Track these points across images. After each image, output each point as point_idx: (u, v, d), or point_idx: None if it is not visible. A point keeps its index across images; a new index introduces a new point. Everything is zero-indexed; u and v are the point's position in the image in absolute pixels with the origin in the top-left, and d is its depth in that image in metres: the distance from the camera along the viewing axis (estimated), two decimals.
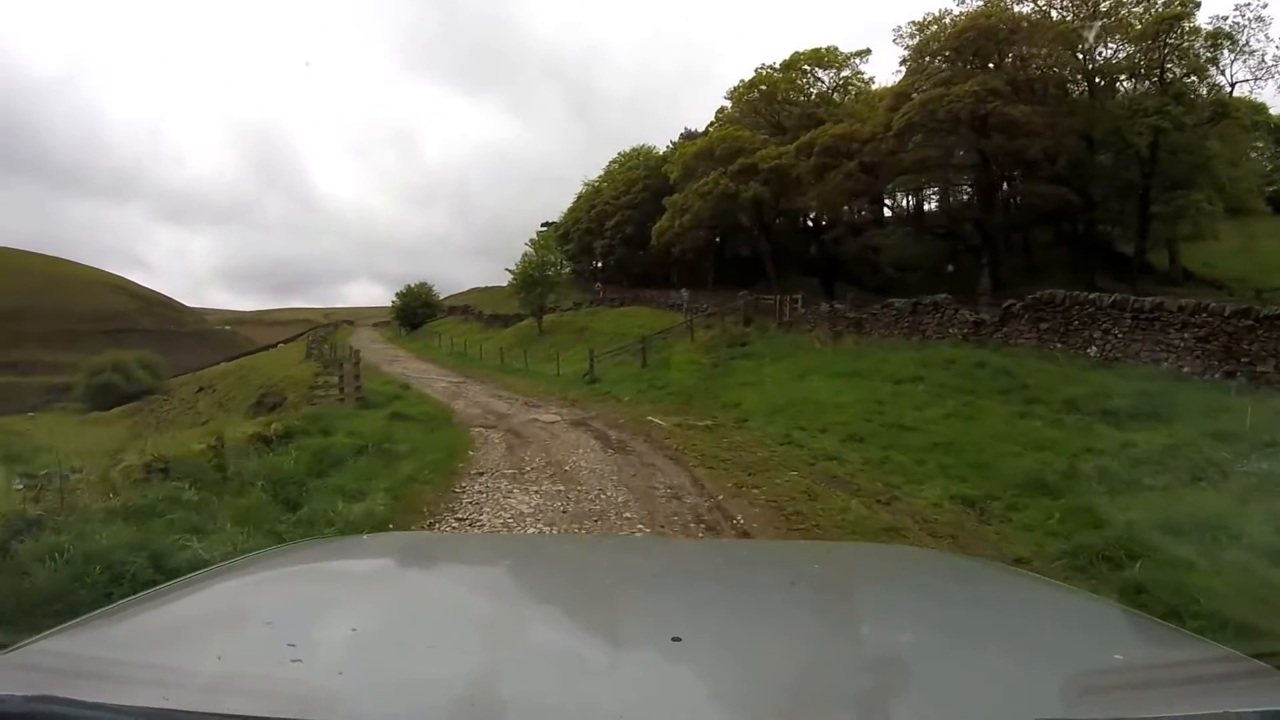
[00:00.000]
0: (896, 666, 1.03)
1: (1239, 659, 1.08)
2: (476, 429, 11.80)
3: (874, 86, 39.66)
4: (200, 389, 40.03)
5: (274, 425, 8.22)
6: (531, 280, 34.01)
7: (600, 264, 50.87)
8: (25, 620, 3.32)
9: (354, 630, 1.15)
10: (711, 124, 43.94)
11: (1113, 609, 1.67)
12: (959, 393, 13.05)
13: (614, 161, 50.20)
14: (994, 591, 1.61)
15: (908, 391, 13.49)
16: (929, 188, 35.21)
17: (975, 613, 1.39)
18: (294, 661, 0.97)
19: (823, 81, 43.09)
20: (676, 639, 1.05)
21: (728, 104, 44.04)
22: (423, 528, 5.95)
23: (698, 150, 37.88)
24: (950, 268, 32.83)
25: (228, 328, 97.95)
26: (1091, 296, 15.68)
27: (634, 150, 49.40)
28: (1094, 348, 14.94)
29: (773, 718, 0.90)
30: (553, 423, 12.69)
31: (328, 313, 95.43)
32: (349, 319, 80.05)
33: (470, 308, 55.98)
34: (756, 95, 43.52)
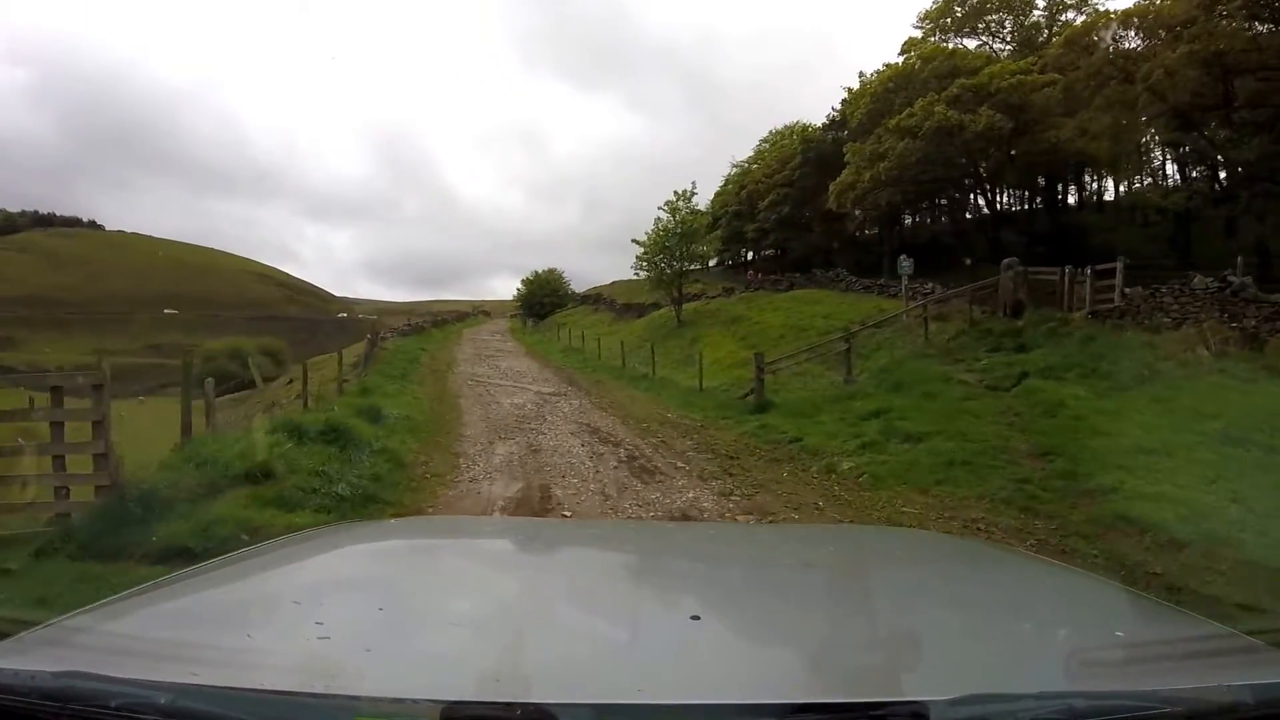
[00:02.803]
0: (906, 643, 1.03)
1: (1235, 636, 1.11)
2: None
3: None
4: (290, 380, 35.28)
5: None
6: (668, 254, 25.25)
7: (751, 253, 45.49)
8: None
9: (381, 609, 1.13)
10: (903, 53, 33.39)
11: (1114, 589, 1.60)
12: None
13: (764, 140, 44.34)
14: (1001, 572, 1.63)
15: None
16: None
17: (983, 592, 1.41)
18: (321, 639, 0.96)
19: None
20: (695, 617, 1.08)
21: (916, 33, 33.51)
22: None
23: (892, 77, 27.66)
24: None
25: (375, 316, 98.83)
26: None
27: (786, 128, 42.55)
28: None
29: (787, 692, 0.88)
30: None
31: (475, 304, 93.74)
32: (485, 310, 77.62)
33: (602, 296, 49.19)
34: (957, 16, 32.88)
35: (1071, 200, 36.06)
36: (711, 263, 42.26)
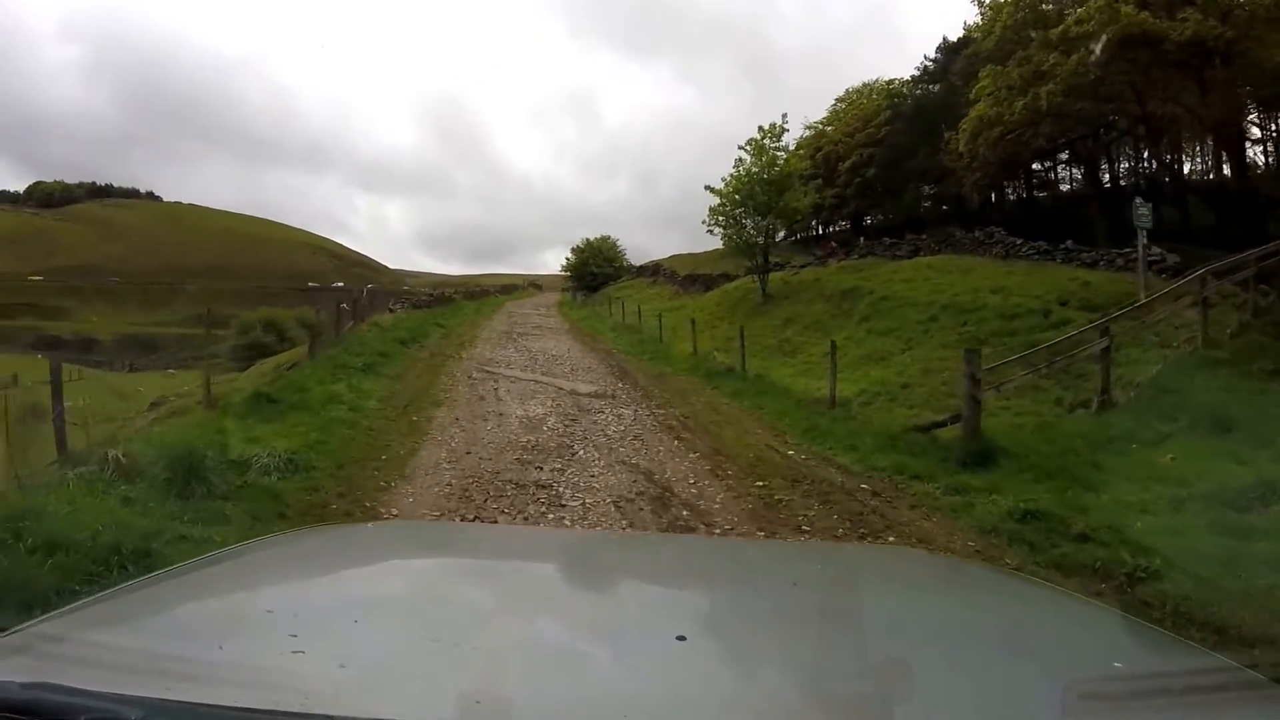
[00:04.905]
0: (898, 670, 0.99)
1: (1236, 670, 1.09)
2: None
3: None
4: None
5: None
6: (752, 207, 19.77)
7: (822, 226, 41.00)
8: None
9: (356, 622, 1.10)
10: None
11: (1112, 615, 1.57)
12: None
13: (840, 100, 38.79)
14: (995, 596, 1.58)
15: None
16: None
17: (977, 617, 1.37)
18: (295, 653, 0.93)
19: None
20: (681, 638, 1.04)
21: None
22: None
23: None
24: None
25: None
26: None
27: (866, 85, 37.40)
28: None
29: (775, 718, 0.88)
30: None
31: (528, 278, 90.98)
32: (536, 284, 74.22)
33: (661, 267, 44.02)
34: None
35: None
36: (778, 235, 36.74)
